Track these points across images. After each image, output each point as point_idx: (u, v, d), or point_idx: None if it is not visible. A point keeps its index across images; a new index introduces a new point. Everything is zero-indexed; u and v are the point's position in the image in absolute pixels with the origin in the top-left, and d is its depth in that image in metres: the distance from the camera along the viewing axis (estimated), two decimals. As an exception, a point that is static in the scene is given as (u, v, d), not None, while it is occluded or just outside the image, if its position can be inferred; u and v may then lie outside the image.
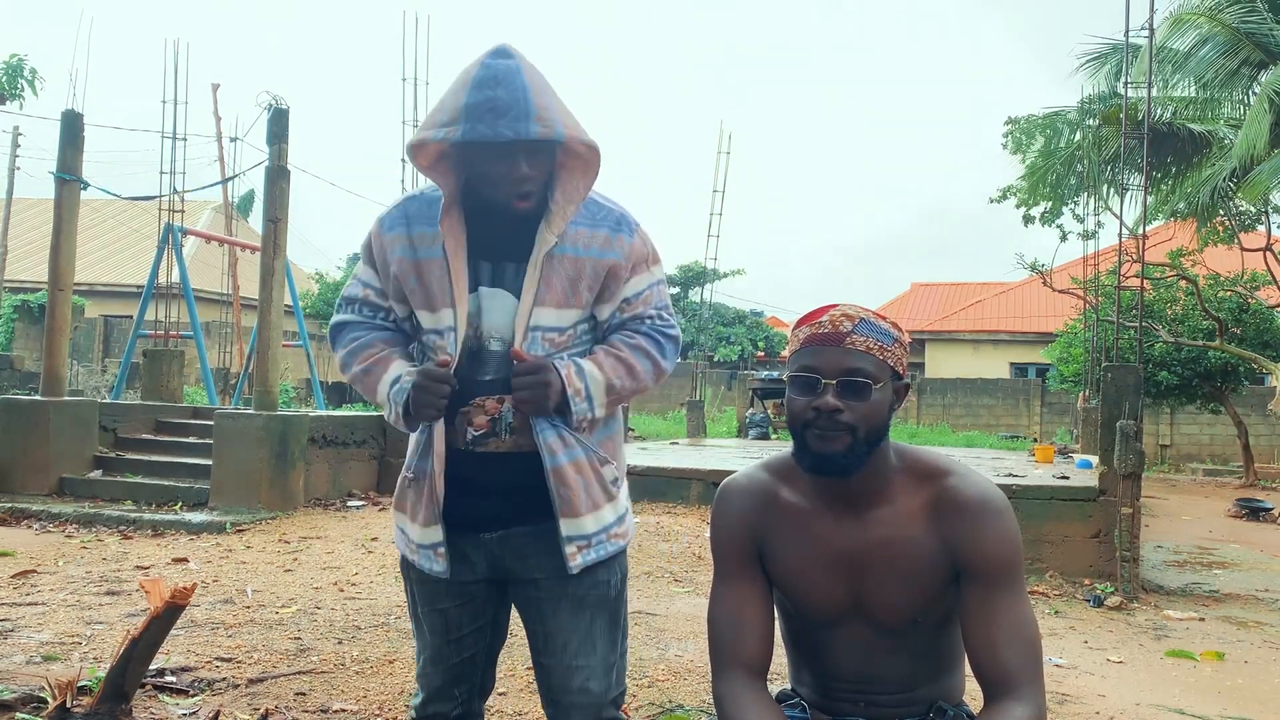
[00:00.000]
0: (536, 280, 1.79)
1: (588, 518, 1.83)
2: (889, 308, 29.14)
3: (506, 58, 1.72)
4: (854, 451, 1.59)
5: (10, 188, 24.07)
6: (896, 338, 1.62)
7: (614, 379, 1.83)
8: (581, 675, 1.84)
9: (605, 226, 1.85)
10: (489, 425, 1.80)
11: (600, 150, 1.77)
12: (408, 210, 1.85)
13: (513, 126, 1.66)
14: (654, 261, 1.93)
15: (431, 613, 1.91)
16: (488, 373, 1.80)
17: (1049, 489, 6.91)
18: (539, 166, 1.74)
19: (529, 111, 1.67)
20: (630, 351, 1.87)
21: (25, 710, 2.91)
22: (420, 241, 1.81)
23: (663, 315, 1.93)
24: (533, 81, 1.71)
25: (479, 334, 1.80)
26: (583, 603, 1.85)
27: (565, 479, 1.81)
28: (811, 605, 1.70)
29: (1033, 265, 14.69)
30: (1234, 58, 12.26)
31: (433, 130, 1.71)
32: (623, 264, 1.86)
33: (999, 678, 1.53)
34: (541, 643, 1.88)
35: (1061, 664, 4.51)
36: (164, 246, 12.11)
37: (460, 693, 1.94)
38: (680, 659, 4.02)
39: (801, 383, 1.61)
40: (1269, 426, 19.04)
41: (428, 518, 1.84)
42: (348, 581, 5.38)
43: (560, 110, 1.73)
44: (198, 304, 12.66)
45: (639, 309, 1.91)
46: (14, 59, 10.01)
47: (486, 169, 1.73)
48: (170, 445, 9.21)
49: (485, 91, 1.67)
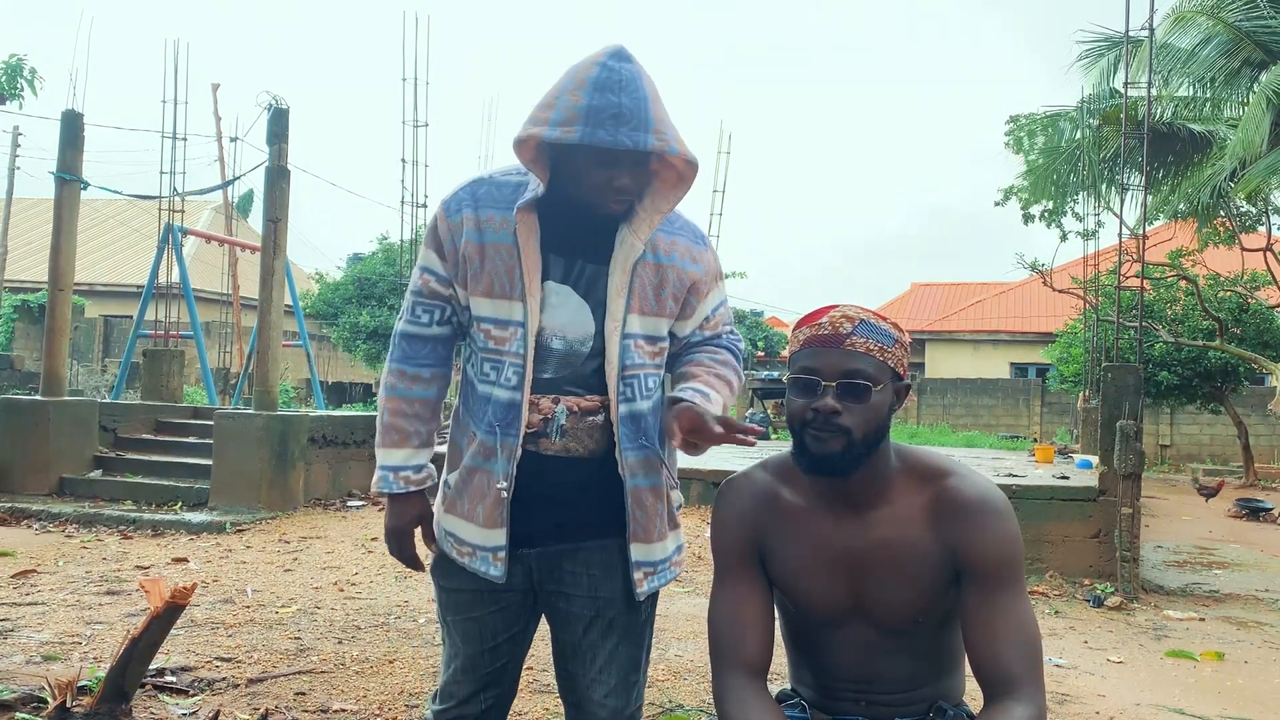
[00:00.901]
0: (627, 285, 1.76)
1: (658, 545, 1.83)
2: (889, 308, 29.13)
3: (628, 62, 1.67)
4: (851, 453, 1.58)
5: (10, 188, 24.07)
6: (897, 339, 1.62)
7: (724, 396, 1.83)
8: (603, 689, 1.82)
9: (685, 236, 1.84)
10: (541, 425, 1.76)
11: (695, 167, 1.74)
12: (475, 192, 1.79)
13: (632, 136, 1.62)
14: (722, 278, 1.94)
15: (465, 621, 1.86)
16: (546, 371, 1.76)
17: (1049, 489, 6.91)
18: (641, 177, 1.72)
19: (649, 123, 1.64)
20: (725, 368, 1.88)
21: (25, 710, 2.91)
22: (488, 225, 1.75)
23: (734, 330, 1.97)
24: (651, 91, 1.67)
25: (540, 329, 1.76)
26: (613, 625, 1.82)
27: (643, 503, 1.80)
28: (812, 605, 1.69)
29: (1033, 265, 14.68)
30: (1235, 57, 12.25)
31: (545, 128, 1.64)
32: (703, 278, 1.86)
33: (999, 678, 1.53)
34: (569, 651, 1.86)
35: (1061, 664, 4.50)
36: (164, 246, 12.11)
37: (486, 698, 1.89)
38: (680, 659, 4.02)
39: (801, 384, 1.61)
40: (1269, 426, 19.04)
41: (490, 519, 1.77)
42: (348, 581, 5.38)
43: (671, 124, 1.70)
44: (198, 304, 12.66)
45: (718, 326, 1.92)
46: (14, 59, 9.99)
47: (588, 172, 1.68)
48: (170, 445, 9.21)
49: (609, 96, 1.62)
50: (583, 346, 1.77)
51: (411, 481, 1.85)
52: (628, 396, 1.77)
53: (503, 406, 1.76)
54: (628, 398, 1.77)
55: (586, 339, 1.77)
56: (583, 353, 1.77)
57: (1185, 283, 14.44)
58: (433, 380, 1.87)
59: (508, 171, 1.81)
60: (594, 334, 1.76)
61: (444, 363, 1.89)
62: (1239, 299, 15.06)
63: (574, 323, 1.76)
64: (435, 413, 1.89)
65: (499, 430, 1.76)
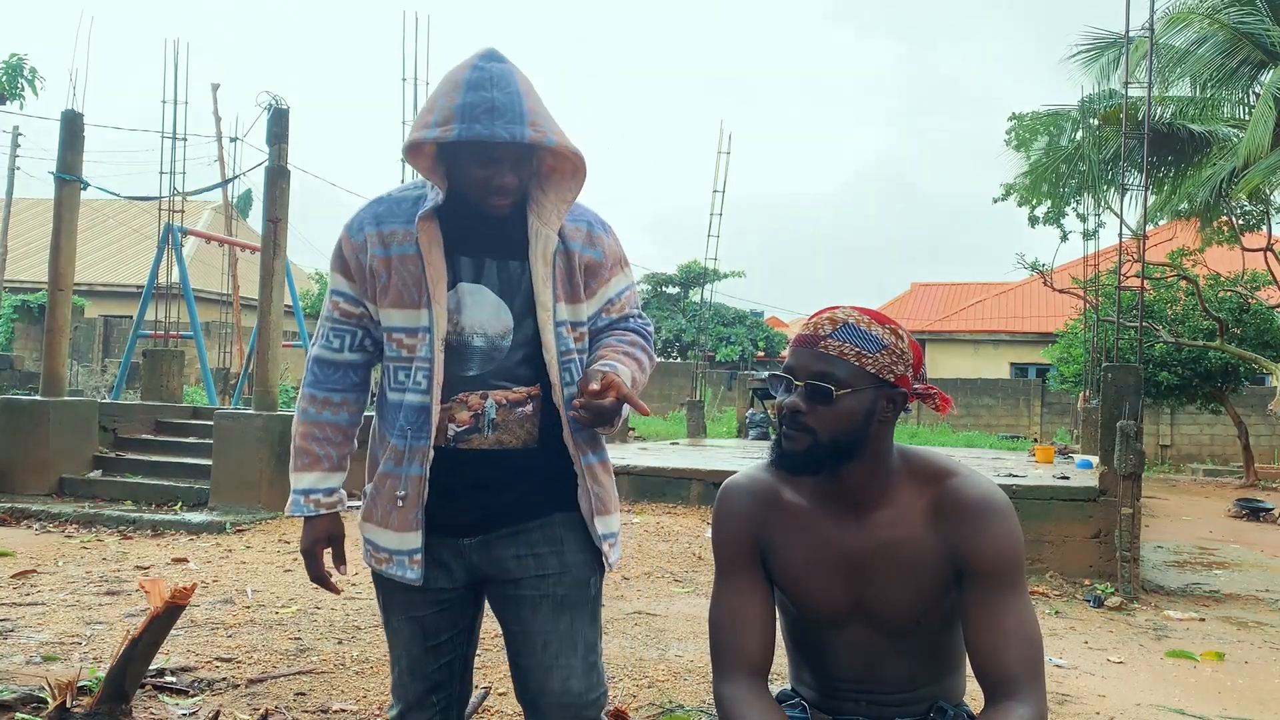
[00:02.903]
0: (551, 275, 1.82)
1: (612, 516, 1.90)
2: (889, 308, 29.13)
3: (499, 61, 1.74)
4: (815, 454, 1.59)
5: (10, 188, 24.06)
6: (886, 344, 1.59)
7: (634, 374, 1.85)
8: (562, 674, 1.81)
9: (584, 223, 1.89)
10: (472, 421, 1.80)
11: (583, 159, 1.80)
12: (376, 212, 1.84)
13: (508, 129, 1.68)
14: (627, 264, 1.99)
15: (408, 620, 1.88)
16: (470, 368, 1.80)
17: (1049, 489, 6.91)
18: (523, 171, 1.77)
19: (523, 115, 1.70)
20: (634, 349, 1.91)
21: (25, 710, 2.91)
22: (391, 239, 1.80)
23: (642, 314, 2.02)
24: (524, 87, 1.74)
25: (459, 330, 1.80)
26: (564, 603, 1.83)
27: (598, 477, 1.87)
28: (813, 606, 1.69)
29: (1033, 265, 14.68)
30: (1233, 57, 12.26)
31: (426, 130, 1.71)
32: (603, 262, 1.91)
33: (1000, 678, 1.53)
34: (520, 643, 1.85)
35: (1062, 664, 4.50)
36: (164, 246, 12.12)
37: (438, 700, 1.90)
38: (680, 659, 4.02)
39: (779, 382, 1.63)
40: (1269, 426, 19.04)
41: (404, 523, 1.81)
42: (348, 581, 5.38)
43: (549, 118, 1.75)
44: (198, 304, 12.66)
45: (624, 309, 1.97)
46: (14, 59, 9.99)
47: (471, 170, 1.74)
48: (170, 445, 9.21)
49: (481, 93, 1.69)
50: (504, 340, 1.81)
51: (321, 504, 1.89)
52: (567, 381, 1.83)
53: (413, 410, 1.80)
54: (567, 382, 1.83)
55: (507, 333, 1.81)
56: (504, 346, 1.81)
57: (1185, 283, 14.44)
58: (343, 405, 1.92)
59: (406, 188, 1.88)
60: (513, 328, 1.81)
61: (356, 388, 1.94)
62: (1239, 299, 15.05)
63: (493, 319, 1.81)
64: (347, 437, 1.94)
65: (410, 434, 1.80)
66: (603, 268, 1.91)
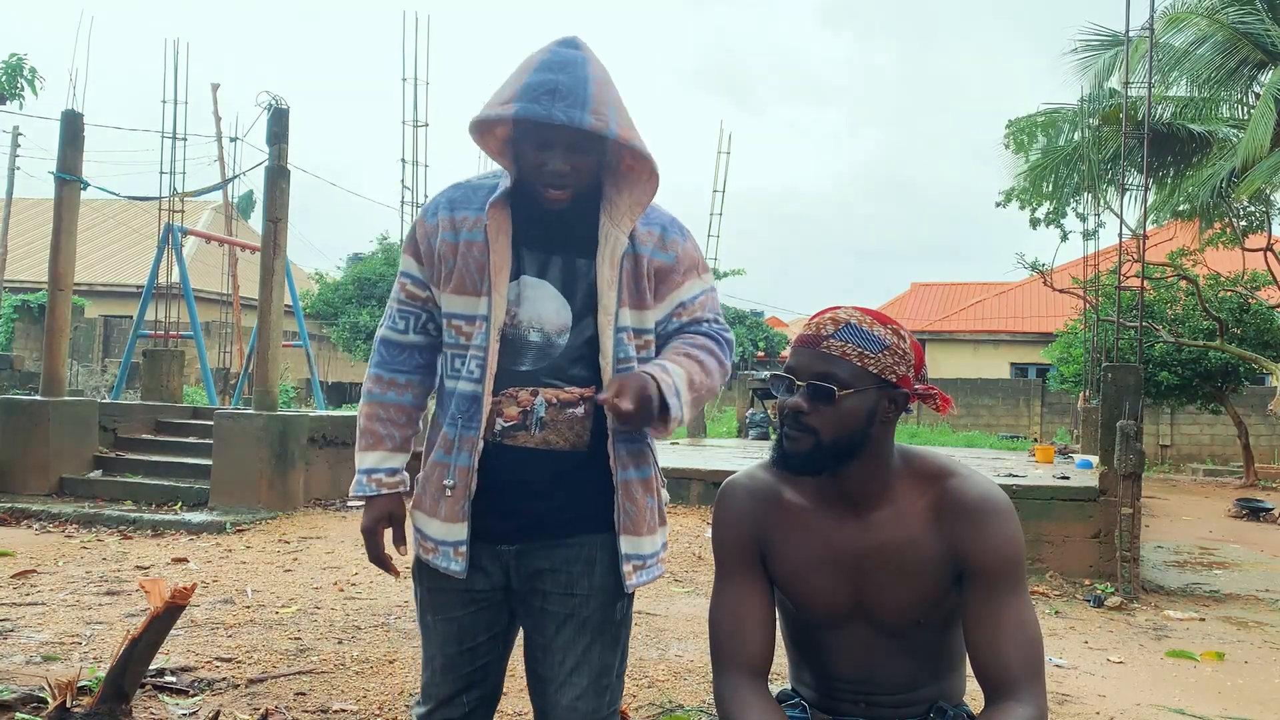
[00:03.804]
0: (618, 279, 1.78)
1: (646, 539, 1.83)
2: (889, 308, 29.13)
3: (575, 48, 1.72)
4: (817, 454, 1.59)
5: (10, 188, 24.07)
6: (888, 345, 1.59)
7: (694, 375, 1.80)
8: (573, 692, 1.80)
9: (658, 226, 1.84)
10: (520, 418, 1.77)
11: (653, 159, 1.76)
12: (451, 196, 1.84)
13: (567, 112, 1.64)
14: (705, 269, 1.91)
15: (445, 621, 1.86)
16: (524, 363, 1.77)
17: (1049, 489, 6.91)
18: (579, 161, 1.72)
19: (586, 102, 1.66)
20: (698, 350, 1.85)
21: (25, 710, 2.91)
22: (463, 224, 1.79)
23: (719, 319, 1.93)
24: (596, 75, 1.70)
25: (516, 323, 1.77)
26: (586, 624, 1.81)
27: (633, 496, 1.81)
28: (813, 606, 1.69)
29: (1033, 265, 14.68)
30: (1233, 57, 12.25)
31: (492, 108, 1.69)
32: (674, 266, 1.85)
33: (1000, 678, 1.53)
34: (540, 654, 1.84)
35: (1062, 664, 4.50)
36: (164, 246, 12.11)
37: (469, 700, 1.89)
38: (680, 659, 4.02)
39: (780, 382, 1.63)
40: (1269, 427, 19.04)
41: (451, 514, 1.79)
42: (348, 581, 5.38)
43: (619, 111, 1.71)
44: (198, 304, 12.66)
45: (696, 313, 1.89)
46: (14, 59, 9.98)
47: (528, 152, 1.72)
48: (170, 445, 9.21)
49: (548, 74, 1.67)
50: (560, 338, 1.78)
51: (384, 484, 1.88)
52: None
53: (465, 399, 1.78)
54: None
55: (564, 330, 1.78)
56: (560, 344, 1.78)
57: (1185, 283, 14.44)
58: (408, 386, 1.90)
59: (485, 176, 1.86)
60: (570, 326, 1.78)
61: (421, 370, 1.92)
62: (1239, 299, 15.05)
63: (551, 315, 1.78)
64: (412, 419, 1.92)
65: (460, 423, 1.78)
66: (674, 272, 1.85)
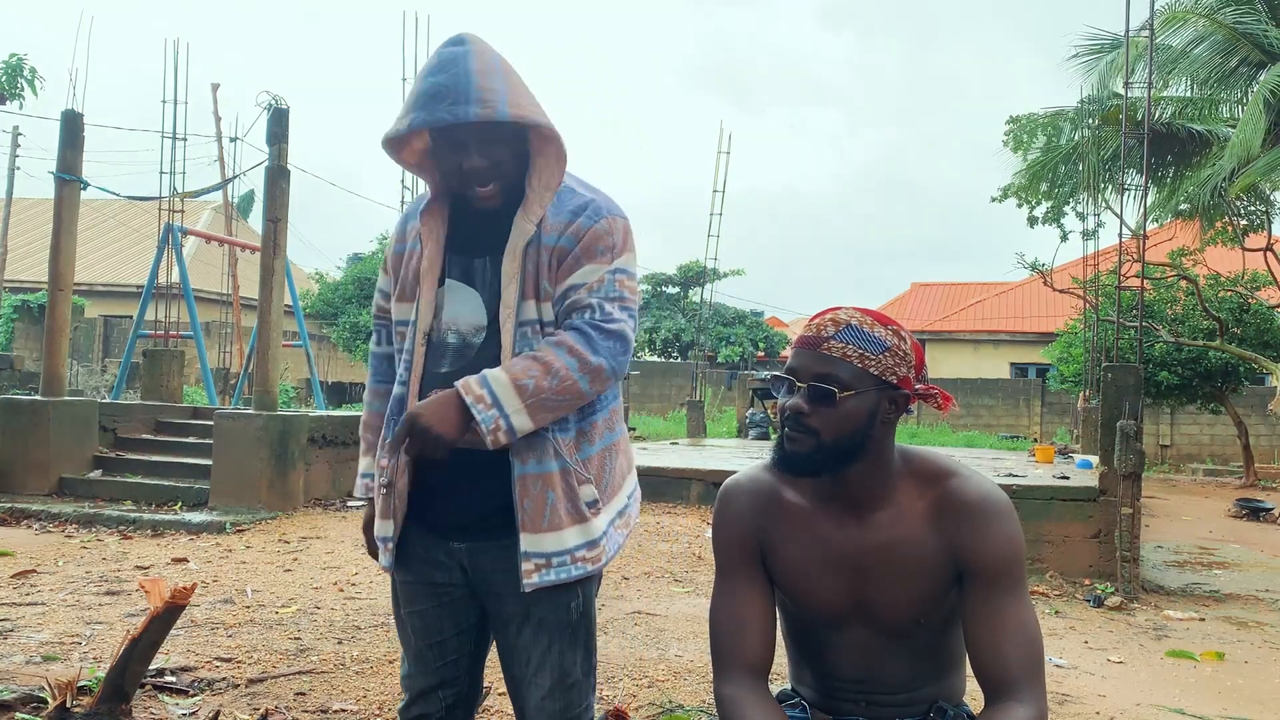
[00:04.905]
0: (517, 272, 1.74)
1: (548, 535, 1.73)
2: (889, 308, 29.13)
3: (458, 44, 1.70)
4: (819, 455, 1.59)
5: (10, 188, 24.07)
6: (889, 346, 1.59)
7: (525, 379, 1.66)
8: (539, 692, 1.82)
9: (568, 212, 1.76)
10: None
11: (558, 133, 1.73)
12: (411, 209, 1.91)
13: (451, 110, 1.64)
14: (618, 252, 1.76)
15: (411, 614, 1.91)
16: (444, 365, 1.80)
17: (1049, 489, 6.91)
18: (491, 154, 1.71)
19: (469, 95, 1.65)
20: (550, 348, 1.70)
21: (25, 710, 2.91)
22: (410, 234, 1.87)
23: (603, 308, 1.72)
24: (480, 65, 1.67)
25: (438, 326, 1.81)
26: (542, 624, 1.80)
27: (528, 490, 1.73)
28: (813, 606, 1.69)
29: (1033, 265, 14.69)
30: (1232, 57, 12.26)
31: (391, 126, 1.72)
32: (573, 250, 1.73)
33: (1000, 679, 1.53)
34: (507, 656, 1.86)
35: (1062, 664, 4.50)
36: (164, 246, 12.11)
37: (445, 696, 1.91)
38: (680, 659, 4.02)
39: (781, 384, 1.63)
40: (1269, 426, 19.04)
41: (384, 510, 1.85)
42: (348, 581, 5.38)
43: (512, 92, 1.68)
44: (198, 304, 12.66)
45: (582, 299, 1.72)
46: (14, 59, 10.00)
47: (446, 157, 1.74)
48: (170, 445, 9.21)
49: (431, 79, 1.68)
50: (475, 338, 1.80)
51: (371, 488, 1.98)
52: None
53: (397, 401, 1.85)
54: None
55: (479, 330, 1.79)
56: (476, 344, 1.79)
57: (1185, 283, 14.44)
58: (388, 395, 1.95)
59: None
60: (486, 327, 1.79)
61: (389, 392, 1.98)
62: (1239, 299, 15.05)
63: (468, 316, 1.80)
64: None
65: (394, 425, 1.84)
66: (570, 255, 1.72)
